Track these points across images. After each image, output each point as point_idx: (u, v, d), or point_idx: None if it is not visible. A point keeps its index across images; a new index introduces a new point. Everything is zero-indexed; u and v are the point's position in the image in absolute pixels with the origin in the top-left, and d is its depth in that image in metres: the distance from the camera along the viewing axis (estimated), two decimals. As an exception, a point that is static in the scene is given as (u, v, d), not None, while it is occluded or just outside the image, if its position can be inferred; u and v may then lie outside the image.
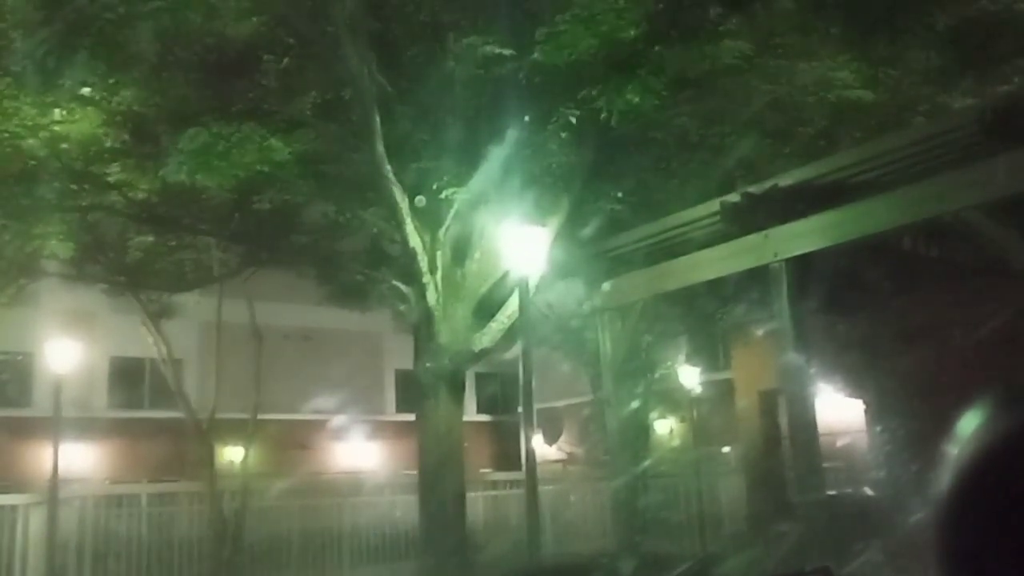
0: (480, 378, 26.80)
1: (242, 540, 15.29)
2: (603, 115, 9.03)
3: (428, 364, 11.16)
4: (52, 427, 13.40)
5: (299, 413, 23.77)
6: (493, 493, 18.61)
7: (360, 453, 25.46)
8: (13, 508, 14.25)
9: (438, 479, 11.30)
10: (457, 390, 11.40)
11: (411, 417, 12.34)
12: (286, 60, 10.29)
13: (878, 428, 12.60)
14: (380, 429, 26.05)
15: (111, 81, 10.45)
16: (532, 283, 10.10)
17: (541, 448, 22.42)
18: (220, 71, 10.73)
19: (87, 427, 19.92)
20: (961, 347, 9.91)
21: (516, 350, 11.00)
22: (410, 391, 26.95)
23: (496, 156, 10.01)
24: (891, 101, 10.67)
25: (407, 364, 26.14)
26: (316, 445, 24.91)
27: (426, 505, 11.46)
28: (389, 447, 25.17)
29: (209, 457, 15.52)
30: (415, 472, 11.94)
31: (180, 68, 10.79)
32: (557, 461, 25.18)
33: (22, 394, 21.94)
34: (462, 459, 11.57)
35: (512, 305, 11.03)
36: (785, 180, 9.81)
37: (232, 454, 18.67)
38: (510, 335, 11.40)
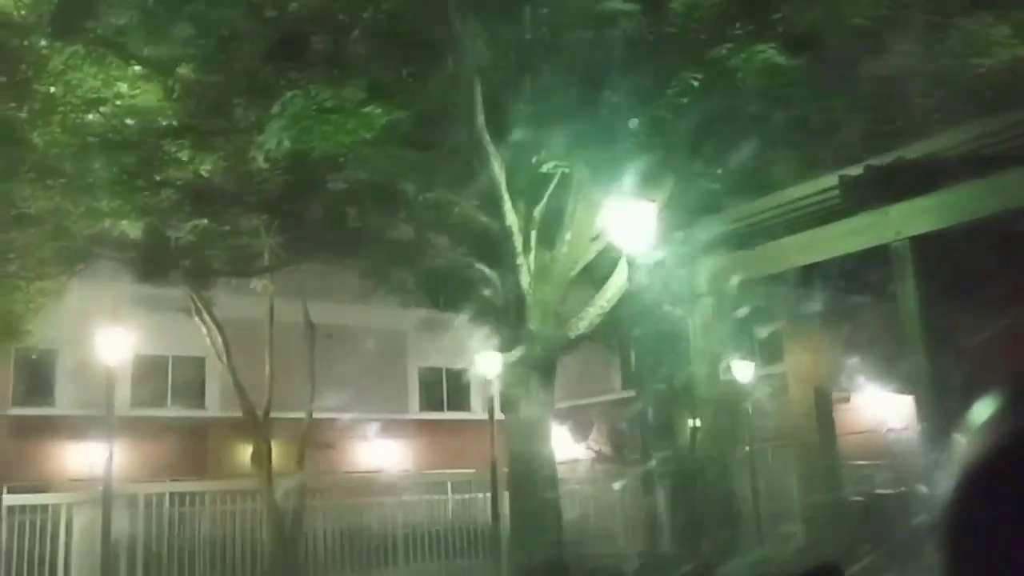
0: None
1: (302, 537, 14.85)
2: (739, 74, 8.45)
3: (519, 352, 10.57)
4: (104, 425, 13.04)
5: (333, 412, 23.14)
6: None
7: (382, 452, 24.94)
8: (56, 507, 13.70)
9: (529, 473, 10.71)
10: (549, 379, 10.81)
11: (435, 415, 11.78)
12: (379, 18, 9.56)
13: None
14: (401, 427, 25.55)
15: (189, 51, 9.79)
16: (641, 261, 9.50)
17: (569, 446, 21.91)
18: (299, 39, 10.07)
19: (116, 425, 19.16)
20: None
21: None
22: (432, 391, 26.55)
23: (603, 128, 9.42)
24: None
25: (430, 363, 25.53)
26: (340, 444, 24.31)
27: (517, 500, 10.87)
28: (412, 445, 24.81)
29: (266, 454, 14.89)
30: (451, 471, 11.37)
31: (256, 36, 10.12)
32: (591, 458, 24.65)
33: (45, 392, 21.10)
34: (552, 452, 10.99)
35: (611, 288, 10.46)
36: (912, 152, 9.28)
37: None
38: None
